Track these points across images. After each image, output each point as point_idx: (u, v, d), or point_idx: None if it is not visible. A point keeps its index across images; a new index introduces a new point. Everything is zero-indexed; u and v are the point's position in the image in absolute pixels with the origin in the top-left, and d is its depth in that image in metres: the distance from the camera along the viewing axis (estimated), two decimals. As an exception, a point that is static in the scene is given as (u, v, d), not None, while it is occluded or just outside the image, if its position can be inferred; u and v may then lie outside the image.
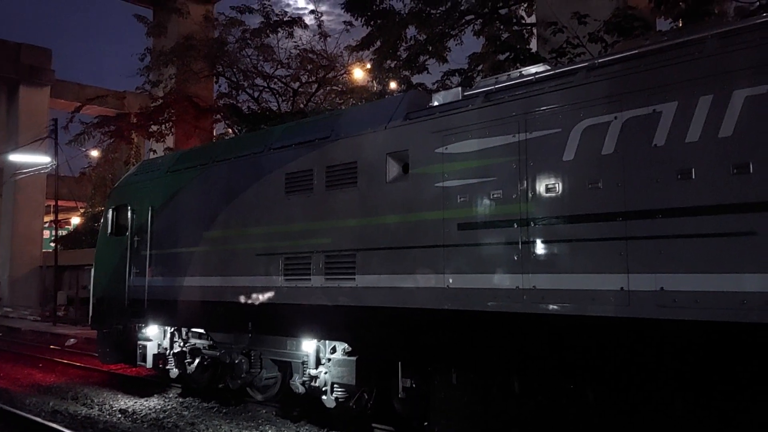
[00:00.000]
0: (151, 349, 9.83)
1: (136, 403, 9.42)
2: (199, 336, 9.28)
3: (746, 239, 4.33)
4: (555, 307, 5.29)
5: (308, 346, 7.53)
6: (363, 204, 6.86)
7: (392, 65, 16.24)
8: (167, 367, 9.68)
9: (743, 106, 4.43)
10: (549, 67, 6.38)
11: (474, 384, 5.96)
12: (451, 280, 5.99)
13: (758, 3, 11.03)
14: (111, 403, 9.47)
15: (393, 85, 17.93)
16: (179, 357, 9.42)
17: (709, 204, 4.51)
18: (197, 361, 9.14)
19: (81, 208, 36.57)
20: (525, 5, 16.12)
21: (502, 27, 16.06)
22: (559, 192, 5.35)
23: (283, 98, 20.59)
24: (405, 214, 6.46)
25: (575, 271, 5.20)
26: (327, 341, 7.35)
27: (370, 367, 6.93)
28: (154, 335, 9.87)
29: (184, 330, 9.48)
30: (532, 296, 5.43)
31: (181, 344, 9.49)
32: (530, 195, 5.52)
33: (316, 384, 7.41)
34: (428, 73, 16.32)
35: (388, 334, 6.54)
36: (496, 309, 5.65)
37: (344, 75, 20.62)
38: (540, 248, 5.44)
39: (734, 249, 4.38)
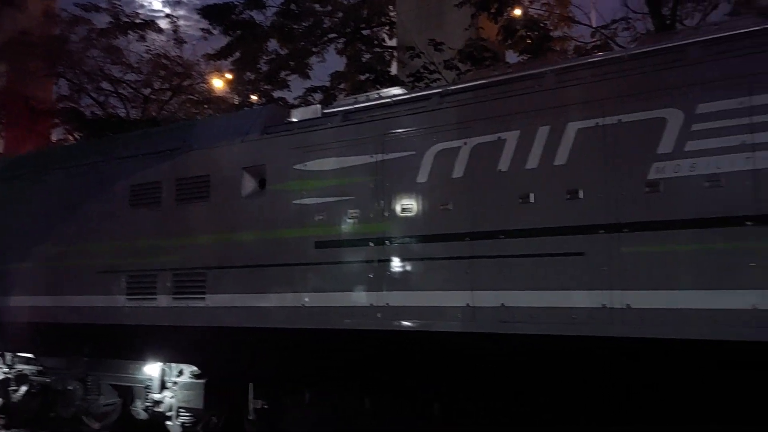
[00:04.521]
0: (-32, 377, 8.74)
1: (-55, 440, 8.30)
2: (27, 361, 8.41)
3: (575, 259, 4.71)
4: (407, 323, 5.42)
5: (152, 369, 7.10)
6: (216, 220, 6.61)
7: (252, 78, 16.02)
8: (-12, 396, 8.66)
9: (575, 138, 4.84)
10: (406, 91, 6.60)
11: (327, 402, 5.95)
12: (307, 299, 5.94)
13: (594, 43, 12.29)
14: None
15: (254, 97, 17.68)
16: (3, 384, 8.49)
17: (544, 226, 4.86)
18: (24, 388, 8.28)
19: None
20: (387, 28, 16.64)
21: (363, 48, 16.45)
22: (413, 212, 5.51)
23: (133, 105, 19.50)
24: (261, 231, 6.31)
25: (426, 288, 5.36)
26: (173, 364, 6.98)
27: (220, 390, 6.65)
28: (-29, 361, 8.78)
29: (9, 355, 8.56)
30: (385, 313, 5.52)
31: (6, 370, 8.55)
32: (386, 215, 5.64)
33: (161, 409, 7.00)
34: (289, 90, 16.31)
35: (240, 355, 6.34)
36: (350, 327, 5.67)
37: (201, 84, 19.97)
38: (394, 266, 5.55)
39: (565, 268, 4.75)
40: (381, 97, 6.32)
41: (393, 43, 16.23)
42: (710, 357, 4.25)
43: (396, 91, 6.49)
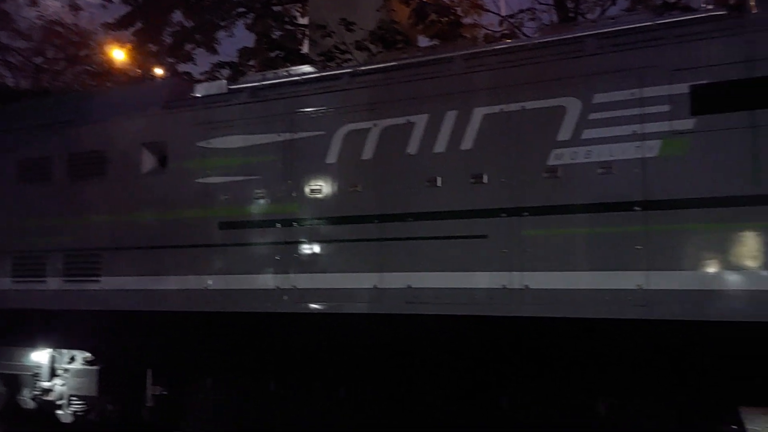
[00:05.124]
0: None
1: None
2: None
3: (479, 242, 4.84)
4: (314, 306, 5.39)
5: (41, 356, 6.71)
6: (113, 198, 6.28)
7: (155, 50, 15.28)
8: None
9: (481, 123, 4.95)
10: (316, 69, 6.50)
11: (231, 387, 5.83)
12: (210, 282, 5.77)
13: (502, 32, 12.62)
14: None
15: (159, 71, 16.88)
16: None
17: (450, 210, 4.95)
18: None
19: None
20: (299, 5, 16.27)
21: (274, 24, 16.03)
22: (322, 194, 5.45)
23: (23, 74, 18.14)
24: (161, 211, 6.06)
25: (334, 270, 5.35)
26: (64, 350, 6.63)
27: (115, 377, 6.38)
28: None
29: None
30: (292, 296, 5.46)
31: None
32: (294, 195, 5.55)
33: (50, 398, 6.65)
34: (194, 64, 15.68)
35: (137, 340, 6.09)
36: (255, 310, 5.57)
37: (99, 55, 18.84)
38: (302, 248, 5.49)
39: (469, 250, 4.87)
40: (290, 75, 6.19)
41: (305, 21, 15.91)
42: (600, 335, 4.51)
43: (306, 69, 6.38)
